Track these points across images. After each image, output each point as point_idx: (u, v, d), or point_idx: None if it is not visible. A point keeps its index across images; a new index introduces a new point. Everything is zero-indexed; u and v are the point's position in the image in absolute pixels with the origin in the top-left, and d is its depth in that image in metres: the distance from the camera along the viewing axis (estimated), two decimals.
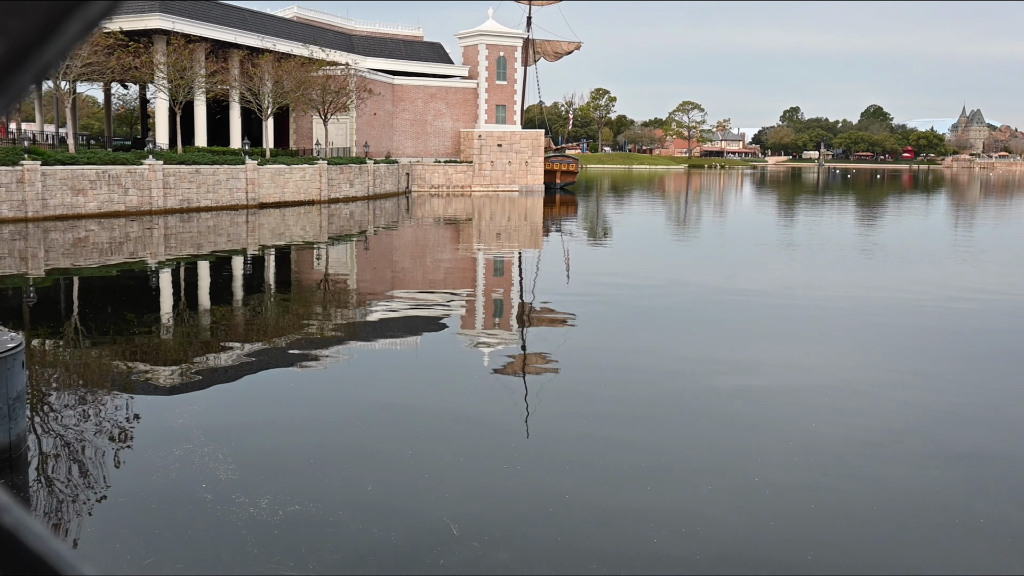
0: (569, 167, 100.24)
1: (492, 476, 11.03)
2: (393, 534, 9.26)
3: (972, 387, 15.94)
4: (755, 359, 17.90)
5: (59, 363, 16.78)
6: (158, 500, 10.04)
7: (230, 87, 65.73)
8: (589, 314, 22.92)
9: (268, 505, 9.89)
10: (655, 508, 10.16)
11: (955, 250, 40.82)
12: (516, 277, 30.88)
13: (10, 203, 43.40)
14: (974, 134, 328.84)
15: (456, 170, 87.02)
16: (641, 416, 13.80)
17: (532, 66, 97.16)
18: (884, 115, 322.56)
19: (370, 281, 29.29)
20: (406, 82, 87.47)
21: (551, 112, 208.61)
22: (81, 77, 55.36)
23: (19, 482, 10.58)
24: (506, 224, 53.81)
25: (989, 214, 71.37)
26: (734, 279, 29.32)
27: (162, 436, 12.22)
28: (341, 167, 67.02)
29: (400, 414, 13.67)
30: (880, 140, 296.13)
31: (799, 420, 13.61)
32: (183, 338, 19.52)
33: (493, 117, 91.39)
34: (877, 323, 22.09)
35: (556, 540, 9.23)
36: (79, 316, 22.02)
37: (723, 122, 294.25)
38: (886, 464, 11.70)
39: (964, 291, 27.42)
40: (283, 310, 23.31)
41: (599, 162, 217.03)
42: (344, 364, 17.23)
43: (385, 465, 11.30)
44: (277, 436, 12.46)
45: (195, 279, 29.14)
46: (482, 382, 15.95)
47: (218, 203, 55.26)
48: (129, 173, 49.54)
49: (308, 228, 47.43)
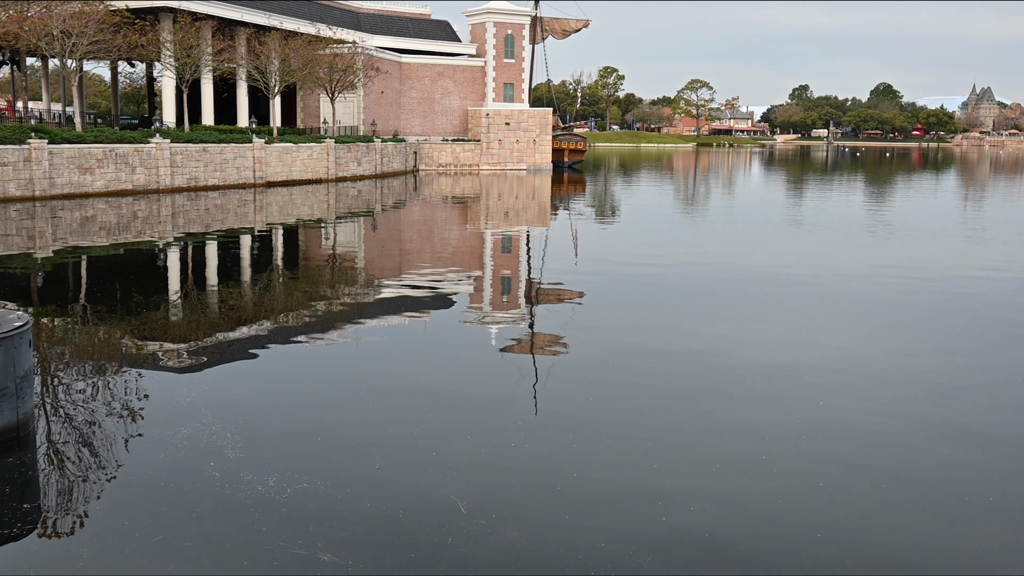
0: (577, 146, 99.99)
1: (500, 454, 11.01)
2: (401, 512, 9.25)
3: (994, 367, 15.87)
4: (765, 337, 17.84)
5: (67, 342, 16.80)
6: (166, 478, 10.04)
7: (237, 65, 65.54)
8: (598, 292, 22.86)
9: (276, 483, 9.89)
10: (664, 486, 10.13)
11: (964, 228, 40.60)
12: (524, 256, 30.81)
13: (17, 182, 43.43)
14: (984, 112, 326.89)
15: (464, 149, 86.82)
16: (650, 394, 13.77)
17: (540, 44, 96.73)
18: (894, 93, 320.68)
19: (378, 260, 29.25)
20: (414, 60, 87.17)
21: (559, 91, 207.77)
22: (87, 55, 55.27)
23: (27, 460, 10.60)
24: (514, 203, 53.68)
25: (999, 192, 70.94)
26: (743, 257, 29.21)
27: (170, 414, 12.23)
28: (348, 146, 66.89)
29: (408, 392, 13.65)
30: (890, 118, 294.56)
31: (808, 398, 13.55)
32: (191, 317, 19.52)
33: (501, 95, 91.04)
34: (890, 300, 21.99)
35: (565, 518, 9.22)
36: (87, 295, 22.03)
37: (732, 100, 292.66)
38: (900, 441, 11.65)
39: (980, 269, 27.28)
40: (291, 289, 23.30)
41: (607, 140, 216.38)
42: (352, 342, 17.22)
43: (393, 443, 11.29)
44: (285, 414, 12.46)
45: (203, 258, 29.14)
46: (490, 360, 15.93)
47: (225, 182, 55.24)
48: (136, 152, 49.52)
49: (315, 207, 47.37)
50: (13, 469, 10.31)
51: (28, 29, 49.91)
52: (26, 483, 10.03)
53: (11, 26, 50.64)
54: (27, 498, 9.61)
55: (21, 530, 8.83)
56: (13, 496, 9.61)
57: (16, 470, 10.30)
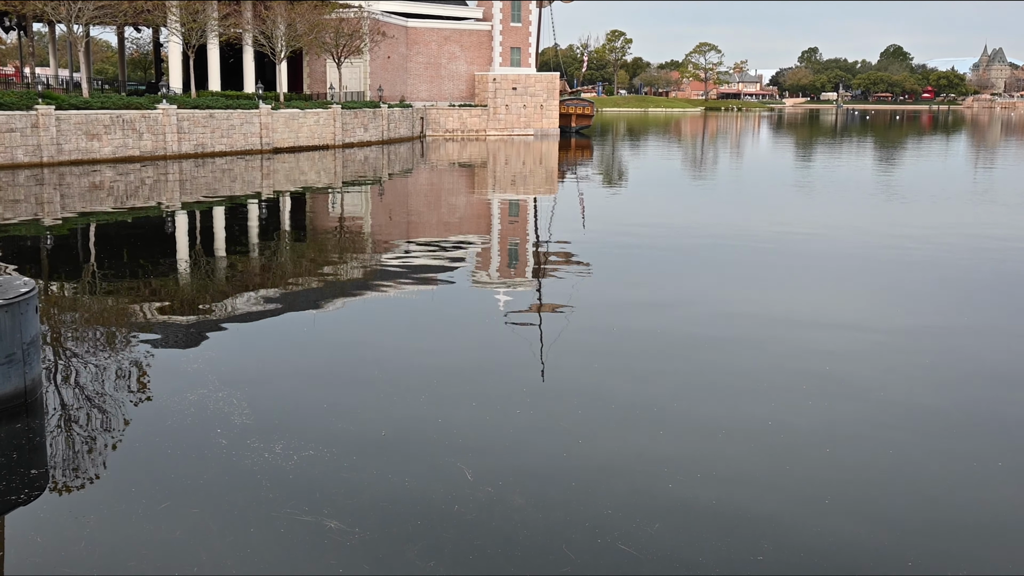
0: (584, 111, 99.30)
1: (506, 422, 11.00)
2: (407, 479, 9.26)
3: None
4: (776, 305, 17.77)
5: (74, 308, 16.81)
6: (173, 444, 10.07)
7: (243, 31, 65.12)
8: (606, 260, 22.78)
9: (283, 450, 9.91)
10: (670, 453, 10.12)
11: (975, 192, 40.32)
12: (531, 222, 30.71)
13: (25, 148, 43.39)
14: (995, 74, 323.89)
15: (471, 114, 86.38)
16: (656, 363, 13.74)
17: (547, 7, 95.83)
18: (904, 55, 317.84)
19: (385, 226, 29.18)
20: (420, 25, 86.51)
21: (566, 55, 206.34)
22: (94, 20, 54.99)
23: (35, 426, 10.62)
24: (521, 168, 53.45)
25: (1010, 154, 70.38)
26: (751, 223, 29.08)
27: (177, 381, 12.24)
28: (355, 111, 66.58)
29: (414, 360, 13.64)
30: (900, 80, 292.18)
31: (815, 364, 13.51)
32: (198, 284, 19.52)
33: (508, 60, 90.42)
34: (901, 262, 21.87)
35: (571, 485, 9.22)
36: (94, 261, 22.03)
37: (740, 64, 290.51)
38: (907, 406, 11.62)
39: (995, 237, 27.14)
40: (298, 256, 23.27)
41: (615, 105, 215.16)
42: (359, 310, 17.21)
43: (399, 410, 11.29)
44: (291, 382, 12.47)
45: (210, 224, 29.12)
46: (496, 329, 15.90)
47: (232, 148, 55.12)
48: (143, 118, 49.37)
49: (323, 173, 47.24)
50: (21, 435, 10.34)
51: None
52: (33, 449, 10.06)
53: None
54: (35, 464, 9.65)
55: (29, 496, 8.87)
56: (21, 462, 9.65)
57: (24, 436, 10.33)
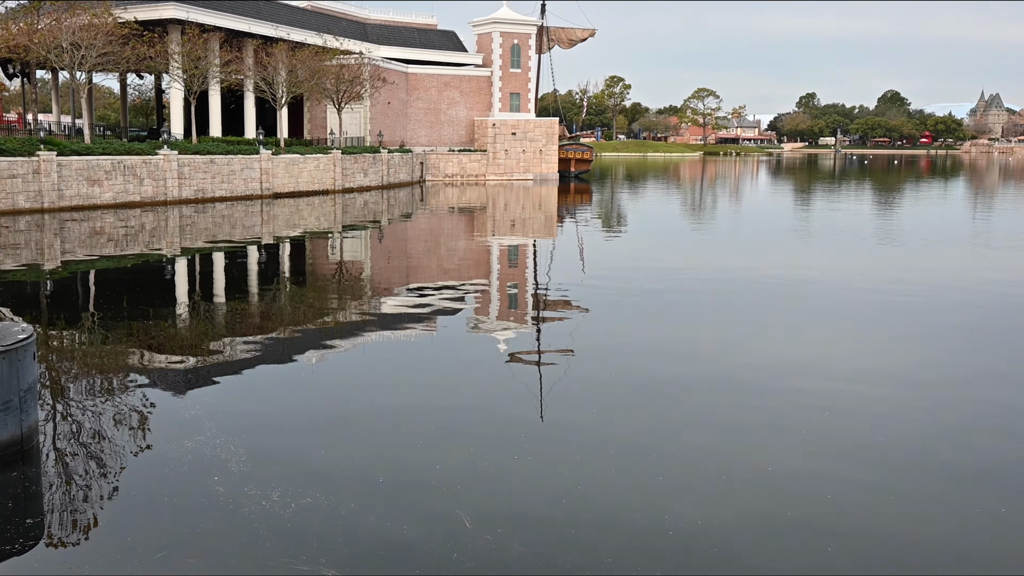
0: (584, 155, 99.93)
1: (504, 468, 10.94)
2: (406, 527, 9.19)
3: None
4: (775, 351, 17.75)
5: (72, 354, 16.78)
6: (170, 493, 10.00)
7: (244, 76, 65.77)
8: (605, 304, 22.79)
9: (280, 498, 9.84)
10: (669, 500, 10.05)
11: (975, 237, 40.45)
12: (531, 267, 30.76)
13: (26, 193, 43.58)
14: (993, 118, 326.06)
15: (470, 159, 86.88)
16: (655, 409, 13.69)
17: (546, 54, 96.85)
18: (901, 100, 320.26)
19: (384, 271, 29.22)
20: (420, 71, 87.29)
21: (565, 100, 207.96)
22: (97, 67, 55.52)
23: (31, 474, 10.56)
24: (520, 213, 53.65)
25: (1009, 199, 70.67)
26: (751, 268, 29.12)
27: (174, 428, 12.19)
28: (355, 156, 66.98)
29: (413, 405, 13.59)
30: (897, 125, 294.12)
31: (817, 413, 13.45)
32: (197, 329, 19.50)
33: (507, 105, 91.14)
34: (893, 307, 21.88)
35: (570, 532, 9.14)
36: (93, 307, 22.03)
37: (738, 109, 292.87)
38: (910, 452, 11.56)
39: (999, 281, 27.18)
40: (297, 301, 23.28)
41: (614, 150, 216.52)
42: (357, 355, 17.18)
43: (397, 457, 11.23)
44: (289, 428, 12.41)
45: (210, 269, 29.16)
46: (495, 373, 15.86)
47: (233, 193, 55.36)
48: (144, 163, 49.66)
49: (322, 218, 47.41)
50: (16, 483, 10.27)
51: (38, 42, 50.17)
52: (29, 498, 9.99)
53: (22, 39, 50.91)
54: (30, 513, 9.57)
55: (24, 545, 8.79)
56: (16, 511, 9.57)
57: (20, 484, 10.26)
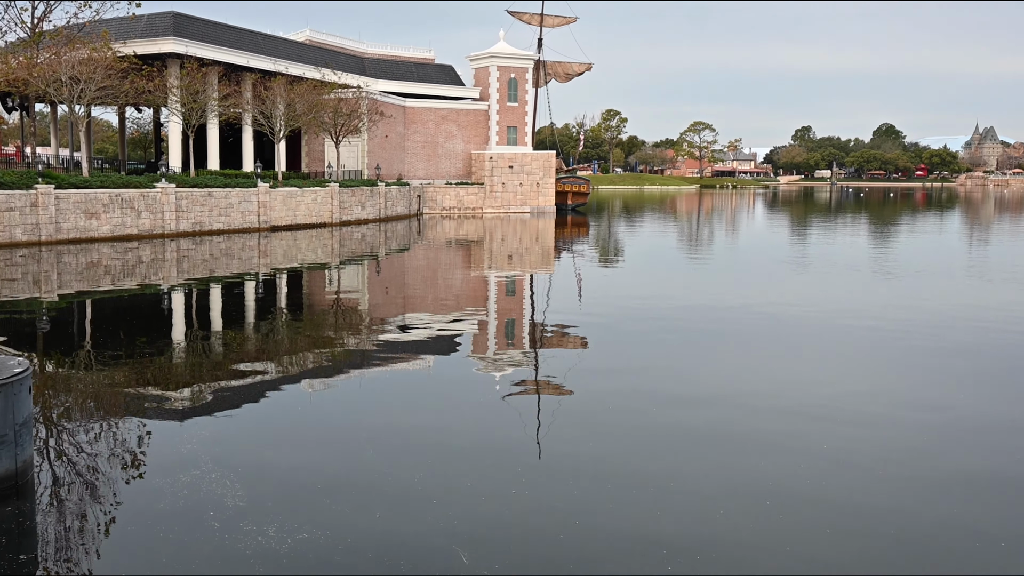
0: (580, 188, 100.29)
1: (502, 502, 10.89)
2: (403, 562, 9.13)
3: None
4: (772, 383, 17.74)
5: (68, 388, 16.73)
6: (166, 527, 9.94)
7: (242, 110, 66.09)
8: (602, 337, 22.79)
9: (276, 533, 9.78)
10: (668, 532, 10.00)
11: (972, 269, 40.54)
12: (528, 299, 30.78)
13: (24, 227, 43.63)
14: (987, 151, 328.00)
15: (467, 192, 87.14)
16: (654, 441, 13.65)
17: (543, 87, 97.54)
18: (896, 133, 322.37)
19: (381, 304, 29.23)
20: (417, 104, 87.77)
21: (562, 133, 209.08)
22: (95, 101, 55.84)
23: (25, 509, 10.50)
24: (518, 246, 53.75)
25: (1005, 232, 70.93)
26: (748, 300, 29.15)
27: (170, 462, 12.14)
28: (353, 190, 67.17)
29: (410, 438, 13.55)
30: (893, 158, 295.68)
31: (817, 442, 13.42)
32: (193, 362, 19.47)
33: (504, 139, 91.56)
34: (896, 342, 21.89)
35: (569, 568, 9.09)
36: (90, 340, 22.00)
37: (734, 142, 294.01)
38: (911, 487, 11.52)
39: (997, 312, 27.21)
40: (294, 334, 23.26)
41: (610, 183, 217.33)
42: (355, 388, 17.14)
43: (394, 491, 11.18)
44: (286, 462, 12.36)
45: (207, 302, 29.15)
46: (492, 406, 15.83)
47: (230, 226, 55.45)
48: (142, 196, 49.78)
49: (320, 251, 47.46)
50: (11, 518, 10.21)
51: (37, 75, 50.46)
52: (23, 533, 9.92)
53: (21, 72, 51.17)
54: (25, 548, 9.51)
55: None
56: (10, 546, 9.51)
57: (14, 519, 10.20)
